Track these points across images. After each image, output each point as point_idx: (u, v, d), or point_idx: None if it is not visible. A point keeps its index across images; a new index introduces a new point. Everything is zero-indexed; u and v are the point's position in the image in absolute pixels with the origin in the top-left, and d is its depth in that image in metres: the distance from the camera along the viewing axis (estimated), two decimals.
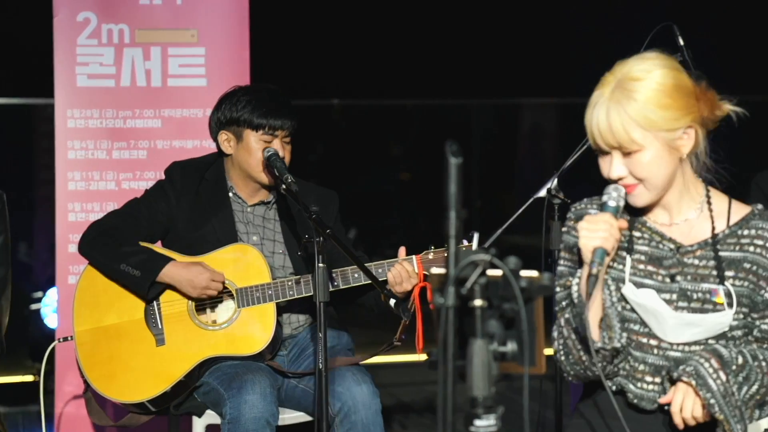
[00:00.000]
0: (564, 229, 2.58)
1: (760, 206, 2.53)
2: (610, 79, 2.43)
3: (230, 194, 3.62)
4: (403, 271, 3.38)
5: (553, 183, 4.23)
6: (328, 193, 3.70)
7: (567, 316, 2.45)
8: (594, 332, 2.38)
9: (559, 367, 2.52)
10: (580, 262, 2.48)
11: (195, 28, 4.34)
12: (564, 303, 2.50)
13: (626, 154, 2.41)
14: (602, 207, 2.43)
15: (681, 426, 2.39)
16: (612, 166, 2.43)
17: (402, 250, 3.46)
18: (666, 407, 2.45)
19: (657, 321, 2.44)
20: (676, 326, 2.43)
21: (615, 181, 2.45)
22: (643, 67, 2.41)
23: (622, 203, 2.43)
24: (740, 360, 2.38)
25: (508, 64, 8.84)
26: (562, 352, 2.47)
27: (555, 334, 2.48)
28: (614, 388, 2.51)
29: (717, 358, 2.37)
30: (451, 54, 8.93)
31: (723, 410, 2.34)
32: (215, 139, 3.60)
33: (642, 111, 2.37)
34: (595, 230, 2.37)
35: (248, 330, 3.48)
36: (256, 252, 3.51)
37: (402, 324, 3.29)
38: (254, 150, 3.51)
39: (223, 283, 3.46)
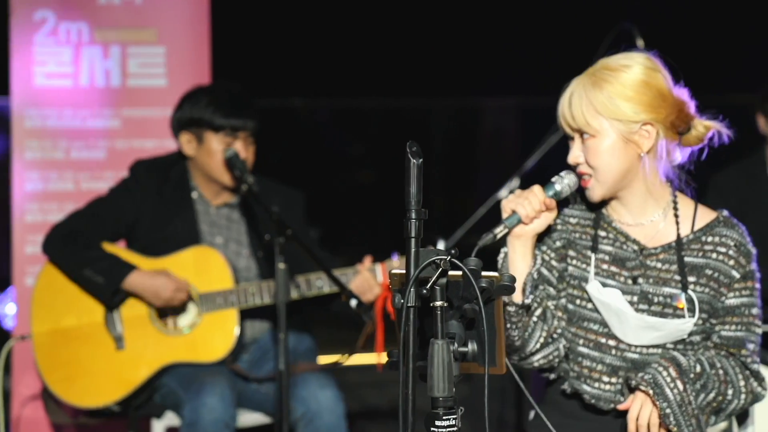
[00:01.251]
0: None
1: (725, 213, 2.55)
2: (591, 68, 2.49)
3: (194, 195, 3.59)
4: (366, 282, 3.37)
5: (514, 183, 4.26)
6: (293, 193, 3.68)
7: None
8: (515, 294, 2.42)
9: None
10: (541, 256, 2.52)
11: (155, 27, 4.31)
12: None
13: (586, 140, 2.44)
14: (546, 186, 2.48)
15: None
16: (571, 151, 2.48)
17: (367, 260, 3.44)
18: (624, 408, 2.46)
19: (619, 321, 2.45)
20: (637, 328, 2.44)
21: (575, 169, 2.49)
22: (624, 62, 2.46)
23: (566, 191, 2.47)
24: (698, 368, 2.39)
25: (468, 64, 8.86)
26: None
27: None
28: (568, 390, 2.51)
29: (675, 366, 2.39)
30: (412, 54, 8.93)
31: (678, 421, 2.35)
32: (177, 140, 3.57)
33: (602, 98, 2.41)
34: (520, 196, 2.43)
35: (210, 336, 3.45)
36: (218, 256, 3.48)
37: (364, 332, 3.28)
38: (216, 152, 3.48)
39: (187, 293, 3.44)
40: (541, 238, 2.55)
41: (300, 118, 9.40)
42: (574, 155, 2.48)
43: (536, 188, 2.45)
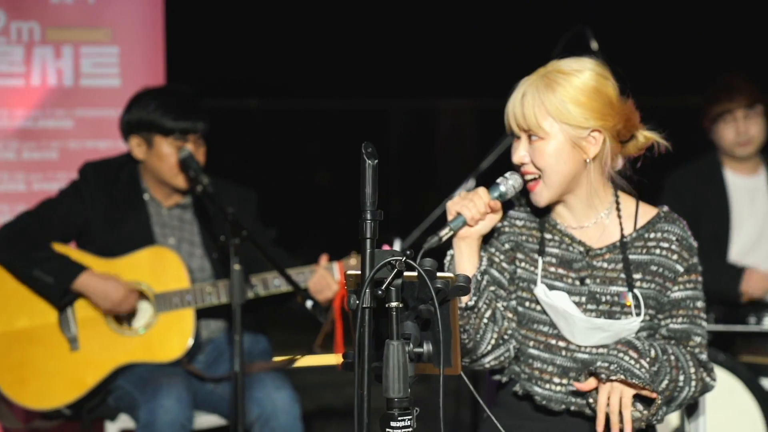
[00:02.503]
0: None
1: (665, 208, 2.58)
2: (542, 70, 2.49)
3: (146, 196, 3.56)
4: (322, 280, 3.36)
5: (470, 185, 4.28)
6: (246, 192, 3.66)
7: None
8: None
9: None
10: (490, 258, 2.53)
11: (108, 27, 4.27)
12: None
13: (533, 141, 2.45)
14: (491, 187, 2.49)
15: (607, 425, 2.41)
16: (516, 150, 2.48)
17: (324, 258, 3.43)
18: (577, 408, 2.48)
19: (567, 323, 2.47)
20: (584, 330, 2.46)
21: (519, 169, 2.50)
22: (575, 66, 2.47)
23: (510, 192, 2.48)
24: (653, 353, 2.42)
25: (426, 66, 8.89)
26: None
27: None
28: (520, 392, 2.53)
29: (633, 349, 2.41)
30: (370, 56, 8.94)
31: (656, 390, 2.38)
32: (127, 144, 3.54)
33: (555, 101, 2.42)
34: (465, 198, 2.44)
35: (165, 336, 3.42)
36: (174, 256, 3.45)
37: (322, 331, 3.27)
38: (166, 156, 3.45)
39: (140, 292, 3.40)
40: (490, 240, 2.56)
41: (256, 118, 9.37)
42: (520, 155, 2.48)
43: (481, 190, 2.46)
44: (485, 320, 2.45)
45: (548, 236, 2.54)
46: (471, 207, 2.42)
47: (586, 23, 3.98)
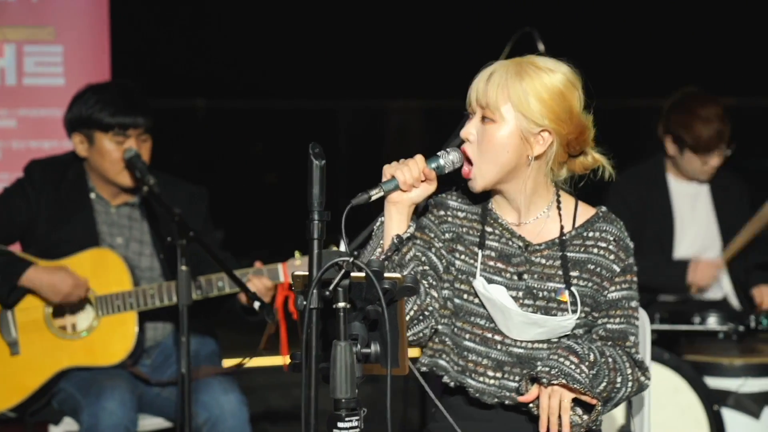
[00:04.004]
0: (420, 211, 2.61)
1: (603, 208, 2.61)
2: (518, 58, 2.50)
3: (92, 195, 3.52)
4: (259, 286, 3.33)
5: None
6: (197, 190, 3.63)
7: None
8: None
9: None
10: (426, 242, 2.54)
11: (52, 25, 4.22)
12: None
13: (484, 121, 2.47)
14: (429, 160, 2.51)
15: (547, 427, 2.42)
16: (467, 125, 2.49)
17: (257, 264, 3.40)
18: (511, 402, 2.49)
19: (503, 317, 2.48)
20: (521, 324, 2.48)
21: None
22: (550, 65, 2.48)
23: (448, 166, 2.49)
24: (591, 356, 2.44)
25: (374, 66, 8.89)
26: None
27: None
28: (451, 384, 2.54)
29: (573, 353, 2.43)
30: (317, 56, 8.93)
31: (594, 392, 2.41)
32: (71, 141, 3.50)
33: (519, 90, 2.43)
34: (401, 163, 2.46)
35: (108, 339, 3.38)
36: (116, 258, 3.41)
37: (265, 334, 3.25)
38: (108, 152, 3.42)
39: (87, 290, 3.37)
40: (431, 227, 2.56)
41: (203, 118, 9.31)
42: (468, 131, 2.49)
43: (418, 157, 2.47)
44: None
45: (489, 230, 2.55)
46: (405, 171, 2.43)
47: (533, 25, 4.00)
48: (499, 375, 2.50)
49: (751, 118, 8.76)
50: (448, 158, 2.49)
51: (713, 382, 3.99)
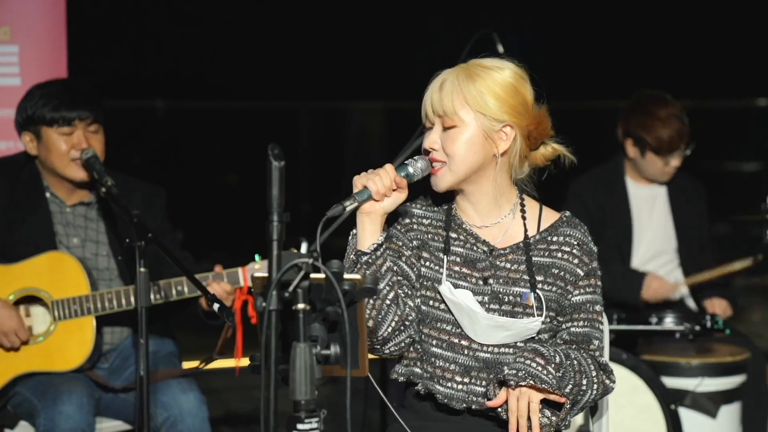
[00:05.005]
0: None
1: (567, 213, 2.63)
2: (463, 64, 2.53)
3: (47, 194, 3.48)
4: (218, 290, 3.32)
5: None
6: (154, 189, 3.60)
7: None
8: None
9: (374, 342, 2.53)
10: (395, 251, 2.54)
11: (8, 25, 4.17)
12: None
13: (446, 129, 2.49)
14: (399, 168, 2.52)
15: (520, 429, 2.43)
16: (429, 136, 2.52)
17: (218, 268, 3.38)
18: (478, 407, 2.50)
19: (471, 321, 2.49)
20: (488, 328, 2.49)
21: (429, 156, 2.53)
22: (498, 65, 2.52)
23: (417, 173, 2.51)
24: (557, 358, 2.46)
25: (335, 68, 8.89)
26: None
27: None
28: (422, 391, 2.54)
29: (539, 356, 2.45)
30: (279, 57, 8.91)
31: (565, 395, 2.43)
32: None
33: (473, 91, 2.47)
34: (372, 173, 2.48)
35: (65, 344, 3.34)
36: (73, 261, 3.38)
37: (222, 337, 3.23)
38: (55, 146, 3.38)
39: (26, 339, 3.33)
40: (399, 235, 2.57)
41: (162, 119, 9.26)
42: (432, 139, 2.51)
43: (388, 166, 2.49)
44: (387, 302, 2.46)
45: (453, 235, 2.56)
46: (377, 181, 2.45)
47: (493, 28, 4.02)
48: (466, 380, 2.51)
49: (708, 121, 8.86)
50: (416, 166, 2.51)
51: (670, 382, 4.03)
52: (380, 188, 2.45)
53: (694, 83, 8.41)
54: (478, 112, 2.47)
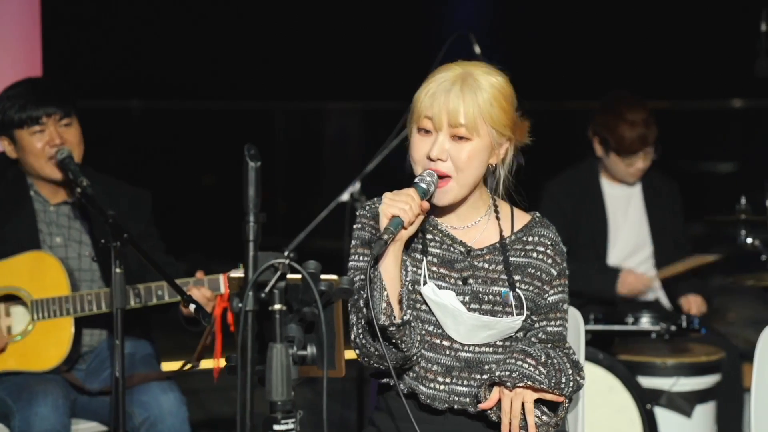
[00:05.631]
0: (357, 225, 2.60)
1: (538, 214, 2.65)
2: (455, 68, 2.48)
3: (31, 193, 3.46)
4: (199, 296, 3.30)
5: (356, 187, 4.29)
6: (141, 193, 3.58)
7: (366, 295, 2.43)
8: (393, 308, 2.39)
9: (356, 352, 2.51)
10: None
11: None
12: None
13: (455, 140, 2.45)
14: (412, 184, 2.46)
15: (512, 430, 2.44)
16: (437, 144, 2.45)
17: (199, 274, 3.37)
18: (459, 407, 2.51)
19: (454, 322, 2.50)
20: (471, 327, 2.49)
21: (424, 175, 2.48)
22: (486, 69, 2.50)
23: (432, 189, 2.46)
24: (543, 358, 2.48)
25: (312, 68, 8.88)
26: (361, 337, 2.46)
27: (354, 320, 2.47)
28: (405, 390, 2.54)
29: (529, 356, 2.47)
30: (255, 57, 8.89)
31: (560, 390, 2.45)
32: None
33: (487, 104, 2.44)
34: (397, 200, 2.40)
35: (42, 344, 3.33)
36: (55, 261, 3.36)
37: (200, 345, 3.22)
38: (30, 147, 3.36)
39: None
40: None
41: (138, 119, 9.22)
42: (441, 149, 2.45)
43: (412, 191, 2.42)
44: (413, 323, 2.45)
45: (429, 236, 2.56)
46: (407, 209, 2.39)
47: (467, 28, 4.03)
48: (448, 380, 2.51)
49: (684, 121, 8.91)
50: (427, 181, 2.45)
51: (646, 382, 4.06)
52: (411, 217, 2.39)
53: (670, 84, 8.46)
54: (491, 127, 2.45)
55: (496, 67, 2.53)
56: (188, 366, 3.31)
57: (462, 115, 2.43)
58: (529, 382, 2.42)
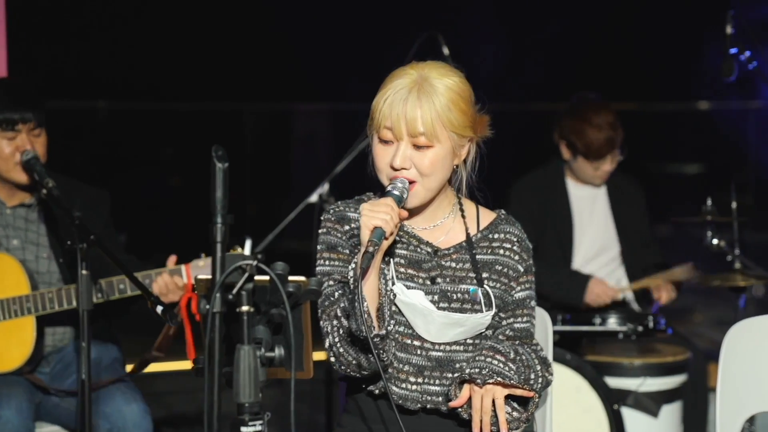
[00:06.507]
0: (322, 230, 2.59)
1: (503, 211, 2.66)
2: (410, 72, 2.47)
3: None
4: (170, 283, 3.29)
5: (325, 188, 4.29)
6: (98, 193, 3.56)
7: (343, 305, 2.43)
8: (372, 319, 2.38)
9: (331, 360, 2.51)
10: (344, 261, 2.52)
11: None
12: (336, 295, 2.51)
13: (417, 147, 2.45)
14: (385, 194, 2.46)
15: (482, 428, 2.44)
16: (398, 154, 2.45)
17: (171, 260, 3.37)
18: (432, 407, 2.51)
19: (425, 321, 2.50)
20: (442, 325, 2.49)
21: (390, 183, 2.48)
22: (442, 71, 2.49)
23: (405, 195, 2.47)
24: (512, 354, 2.49)
25: (280, 69, 8.86)
26: (344, 343, 2.45)
27: (329, 328, 2.47)
28: (377, 391, 2.54)
29: (498, 353, 2.48)
30: (223, 57, 8.85)
31: (531, 388, 2.46)
32: None
33: (446, 109, 2.44)
34: (377, 211, 2.40)
35: (4, 345, 3.29)
36: (13, 261, 3.33)
37: (161, 336, 3.20)
38: (0, 150, 3.33)
39: None
40: (343, 244, 2.55)
41: (105, 120, 9.16)
42: (404, 158, 2.45)
43: (390, 201, 2.42)
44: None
45: (396, 238, 2.56)
46: (389, 219, 2.39)
47: (435, 29, 4.04)
48: (420, 380, 2.51)
49: (650, 123, 8.98)
50: (401, 188, 2.45)
51: (613, 382, 4.08)
52: (392, 227, 2.40)
53: (637, 86, 8.51)
54: (451, 131, 2.45)
55: (450, 65, 2.52)
56: (145, 361, 3.29)
57: (420, 124, 2.43)
58: (498, 378, 2.42)
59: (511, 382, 2.44)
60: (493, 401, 2.44)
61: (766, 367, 2.78)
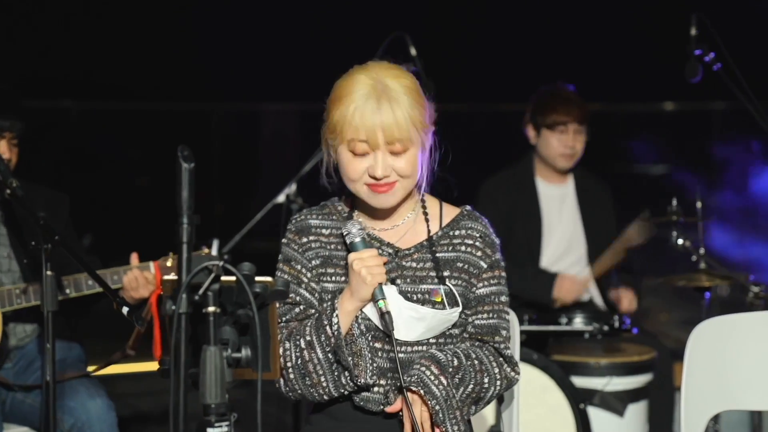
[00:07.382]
0: (284, 241, 2.58)
1: (468, 207, 2.65)
2: (364, 80, 2.45)
3: None
4: (140, 278, 3.29)
5: (292, 189, 4.28)
6: (58, 196, 3.54)
7: (309, 339, 2.44)
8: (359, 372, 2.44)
9: (282, 382, 2.49)
10: (295, 277, 2.52)
11: None
12: (286, 318, 2.51)
13: (393, 153, 2.45)
14: (353, 246, 2.46)
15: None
16: (379, 165, 2.44)
17: (134, 257, 3.35)
18: (398, 413, 2.51)
19: (396, 315, 2.48)
20: (410, 320, 2.47)
21: (357, 209, 2.53)
22: (393, 72, 2.48)
23: (364, 234, 2.49)
24: (455, 362, 2.47)
25: (248, 69, 8.84)
26: (297, 372, 2.46)
27: (288, 351, 2.47)
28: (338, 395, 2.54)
29: (435, 363, 2.45)
30: (191, 57, 8.82)
31: (445, 416, 2.43)
32: None
33: (414, 111, 2.45)
34: (375, 269, 2.43)
35: None
36: None
37: (135, 333, 3.19)
38: None
39: None
40: (298, 258, 2.55)
41: (73, 120, 9.10)
42: (385, 168, 2.46)
43: (374, 252, 2.45)
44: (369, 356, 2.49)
45: None
46: (384, 272, 2.45)
47: (403, 28, 4.04)
48: (382, 382, 2.50)
49: (616, 124, 9.04)
50: (356, 232, 2.47)
51: (580, 381, 4.10)
52: (383, 278, 2.45)
53: (603, 87, 8.57)
54: (419, 130, 2.46)
55: (390, 61, 2.52)
56: (120, 358, 3.28)
57: (397, 131, 2.42)
58: (421, 390, 2.41)
59: (427, 398, 2.42)
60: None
61: (730, 366, 2.81)
